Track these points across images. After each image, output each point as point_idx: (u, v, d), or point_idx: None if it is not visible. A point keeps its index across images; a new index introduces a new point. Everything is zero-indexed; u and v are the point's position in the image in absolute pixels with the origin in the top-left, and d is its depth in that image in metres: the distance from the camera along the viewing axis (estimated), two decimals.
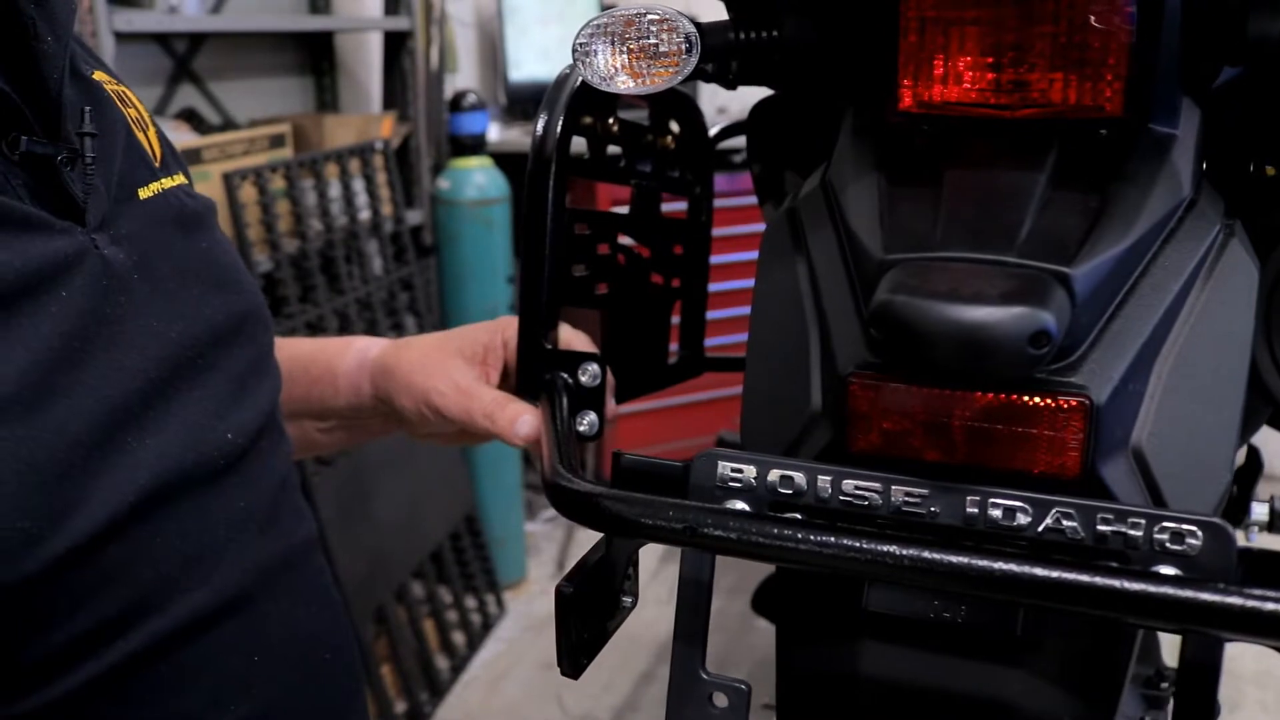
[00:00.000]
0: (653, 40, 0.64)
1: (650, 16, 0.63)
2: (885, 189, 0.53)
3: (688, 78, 0.65)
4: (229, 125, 2.82)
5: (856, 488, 0.48)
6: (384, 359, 0.87)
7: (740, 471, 0.50)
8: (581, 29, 0.65)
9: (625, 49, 0.64)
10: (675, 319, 0.94)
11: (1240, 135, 0.61)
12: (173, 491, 0.62)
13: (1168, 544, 0.44)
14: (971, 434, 0.47)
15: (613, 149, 0.84)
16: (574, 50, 0.65)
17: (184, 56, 2.76)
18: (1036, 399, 0.46)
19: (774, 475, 0.49)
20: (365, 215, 2.81)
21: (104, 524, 0.57)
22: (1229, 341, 0.52)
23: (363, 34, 3.24)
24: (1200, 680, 0.45)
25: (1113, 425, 0.48)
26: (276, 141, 2.63)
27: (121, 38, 2.18)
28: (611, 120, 0.83)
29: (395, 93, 3.13)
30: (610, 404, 0.78)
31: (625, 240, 0.88)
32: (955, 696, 0.53)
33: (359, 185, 2.79)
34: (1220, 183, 0.60)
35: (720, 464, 0.50)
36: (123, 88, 0.73)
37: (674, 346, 0.96)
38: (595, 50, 0.64)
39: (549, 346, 0.76)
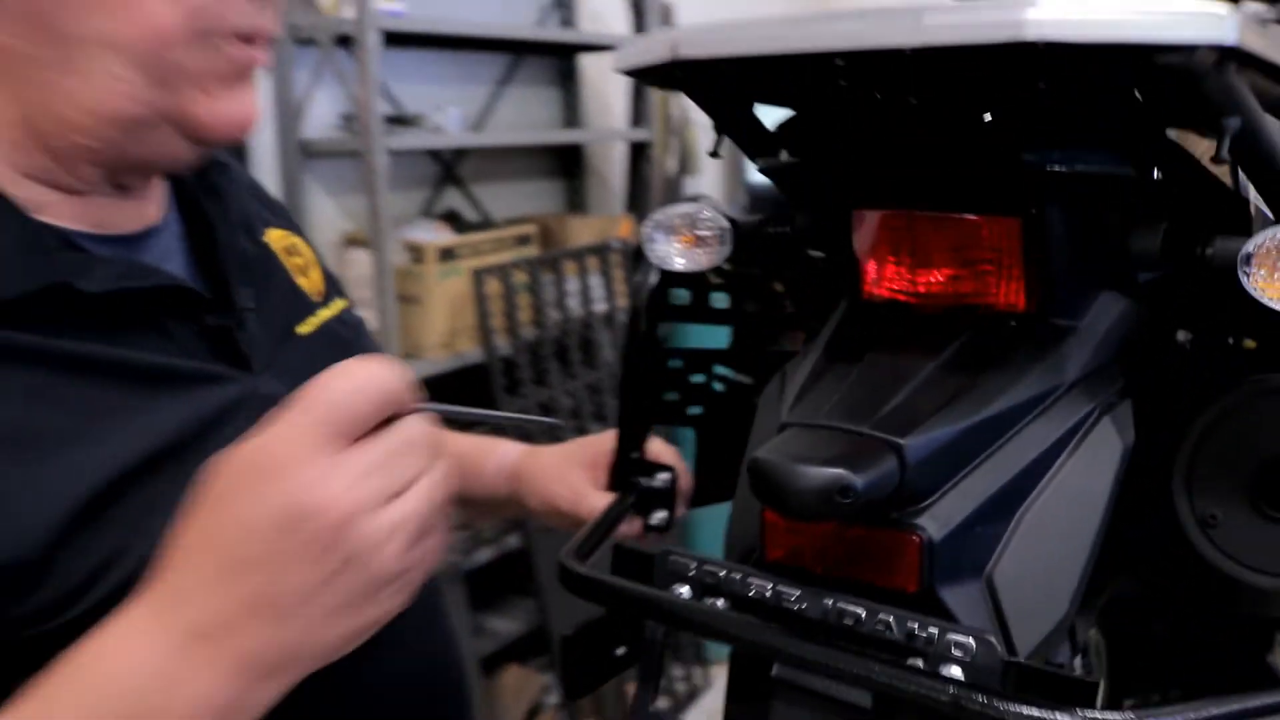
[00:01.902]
0: (699, 231, 0.84)
1: (694, 214, 0.83)
2: (819, 364, 0.71)
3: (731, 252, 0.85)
4: (487, 223, 3.16)
5: (756, 585, 0.65)
6: (519, 465, 1.10)
7: (686, 566, 0.68)
8: (646, 221, 0.85)
9: (677, 238, 0.84)
10: None
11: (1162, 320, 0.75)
12: None
13: (952, 649, 0.58)
14: (840, 554, 0.64)
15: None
16: (642, 237, 0.85)
17: (449, 163, 3.13)
18: (883, 532, 0.62)
19: (705, 571, 0.67)
20: (601, 308, 3.08)
21: None
22: (1086, 500, 0.65)
23: (609, 144, 3.55)
24: None
25: (956, 558, 0.62)
26: (523, 240, 2.95)
27: (395, 152, 2.55)
28: (717, 273, 1.03)
29: (637, 195, 3.42)
30: (680, 504, 0.97)
31: (723, 370, 1.07)
32: None
33: (596, 280, 3.07)
34: (1146, 359, 0.74)
35: (672, 559, 0.68)
36: (293, 238, 0.93)
37: None
38: (655, 239, 0.85)
39: (634, 456, 0.96)
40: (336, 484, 0.56)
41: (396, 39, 2.62)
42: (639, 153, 3.38)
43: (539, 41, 3.25)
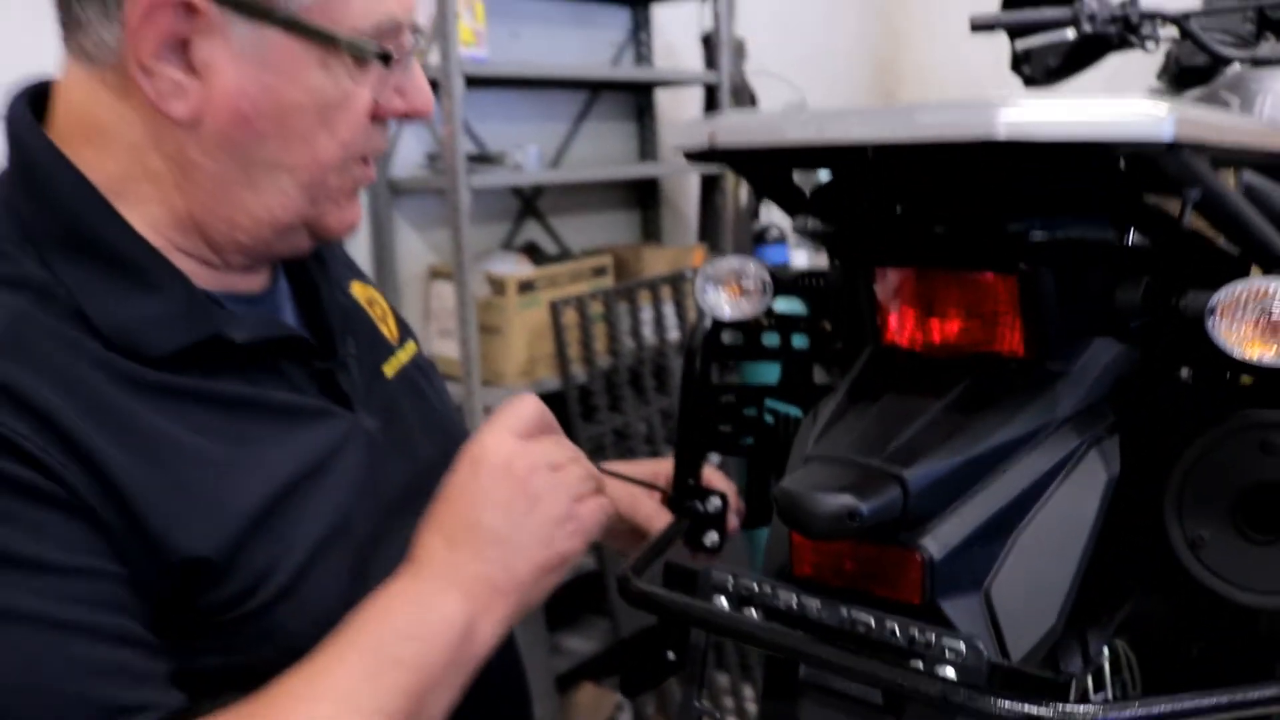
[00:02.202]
0: (743, 283, 0.94)
1: (740, 268, 0.94)
2: (843, 404, 0.81)
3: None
4: (565, 254, 3.29)
5: (783, 597, 0.75)
6: None
7: (725, 581, 0.78)
8: (699, 273, 0.96)
9: (725, 289, 0.95)
10: None
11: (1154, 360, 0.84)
12: None
13: (946, 652, 0.68)
14: (856, 570, 0.74)
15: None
16: (695, 289, 0.96)
17: (529, 197, 3.27)
18: (890, 551, 0.72)
19: (741, 585, 0.77)
20: (674, 335, 3.19)
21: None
22: (1073, 525, 0.75)
23: (683, 176, 3.67)
24: None
25: (955, 574, 0.72)
26: (599, 271, 3.08)
27: (477, 190, 2.69)
28: (767, 314, 1.13)
29: (710, 225, 3.53)
30: (732, 525, 1.08)
31: (774, 404, 1.17)
32: None
33: (669, 309, 3.18)
34: (1139, 396, 0.83)
35: (714, 575, 0.79)
36: (371, 291, 1.07)
37: None
38: (706, 290, 0.96)
39: (690, 482, 1.06)
40: (522, 454, 0.86)
41: (478, 80, 2.77)
42: (712, 184, 3.49)
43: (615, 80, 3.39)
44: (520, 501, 0.84)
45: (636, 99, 3.60)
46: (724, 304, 0.96)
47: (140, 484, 0.73)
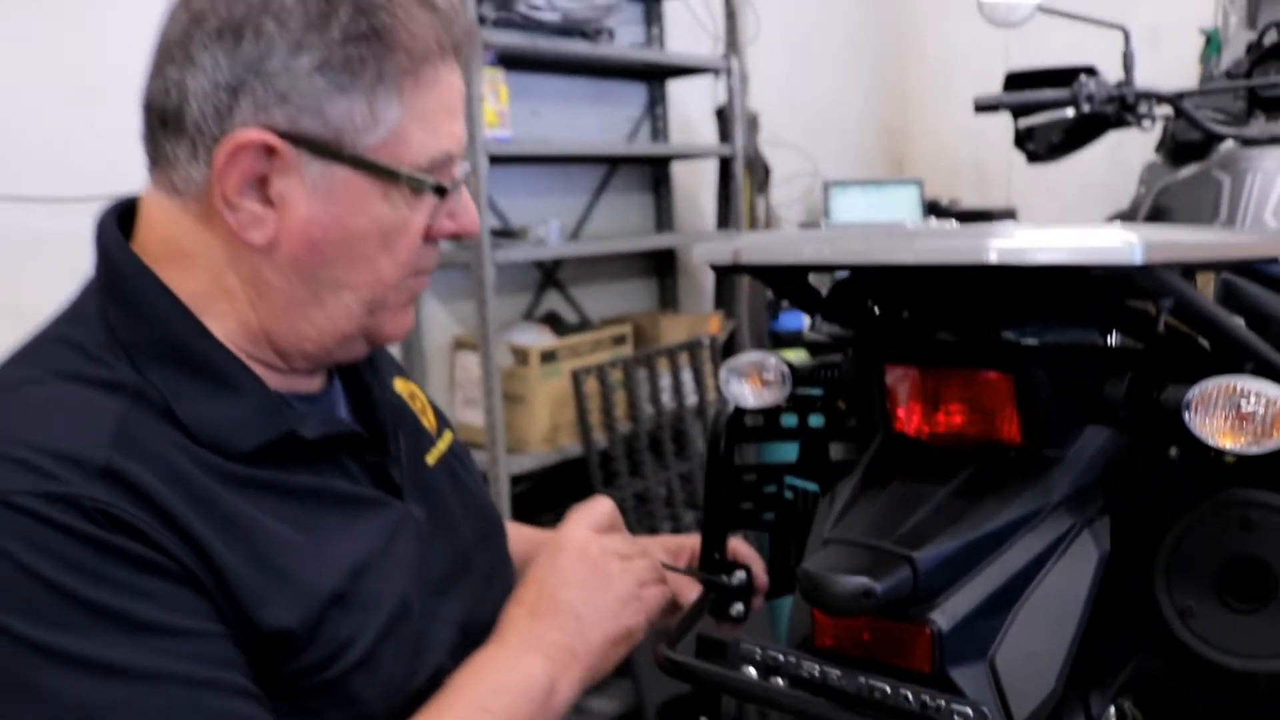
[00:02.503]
0: (764, 375, 1.03)
1: (761, 362, 1.03)
2: (856, 489, 0.89)
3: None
4: (584, 323, 3.39)
5: (807, 667, 0.83)
6: None
7: (753, 652, 0.86)
8: (723, 367, 1.05)
9: (747, 381, 1.04)
10: None
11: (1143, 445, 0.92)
12: (460, 645, 1.02)
13: (955, 716, 0.76)
14: (872, 642, 0.82)
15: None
16: (719, 380, 1.05)
17: (550, 269, 3.38)
18: (903, 625, 0.80)
19: (768, 656, 0.86)
20: (692, 401, 3.27)
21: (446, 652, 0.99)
22: (1069, 599, 0.83)
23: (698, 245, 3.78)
24: None
25: (965, 645, 0.80)
26: (619, 340, 3.17)
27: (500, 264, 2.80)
28: (785, 400, 1.22)
29: (725, 293, 3.63)
30: (757, 605, 1.15)
31: (795, 480, 1.25)
32: None
33: (687, 376, 3.27)
34: (1130, 477, 0.91)
35: (743, 646, 0.87)
36: (411, 386, 1.15)
37: None
38: (731, 382, 1.05)
39: (716, 557, 1.14)
40: (596, 543, 1.01)
41: (501, 158, 2.88)
42: None
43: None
44: (594, 581, 0.99)
45: (653, 171, 3.72)
46: (747, 394, 1.05)
47: (232, 563, 0.82)
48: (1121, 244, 0.69)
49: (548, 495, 3.16)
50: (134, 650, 0.76)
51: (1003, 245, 0.70)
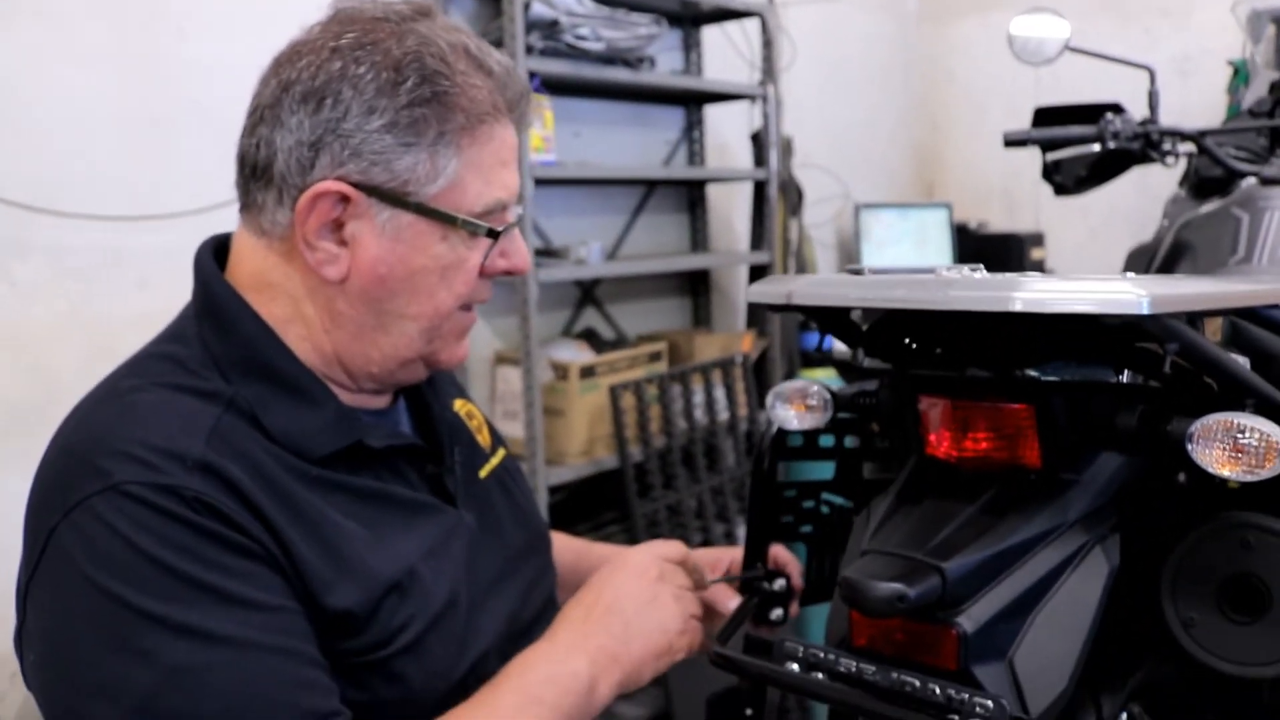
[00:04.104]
0: (808, 401, 1.13)
1: (805, 388, 1.13)
2: (892, 506, 1.00)
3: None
4: (620, 339, 3.49)
5: (844, 663, 0.93)
6: None
7: (796, 650, 0.97)
8: (770, 393, 1.15)
9: (791, 406, 1.14)
10: None
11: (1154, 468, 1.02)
12: (502, 641, 1.12)
13: (977, 708, 0.86)
14: (904, 642, 0.92)
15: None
16: (766, 404, 1.16)
17: (588, 287, 3.49)
18: (932, 627, 0.90)
19: (810, 653, 0.96)
20: (724, 416, 3.37)
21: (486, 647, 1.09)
22: (1081, 607, 0.92)
23: (733, 266, 3.88)
24: None
25: (987, 646, 0.90)
26: (654, 357, 3.27)
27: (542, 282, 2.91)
28: (825, 422, 1.32)
29: (758, 312, 3.72)
30: (794, 611, 1.26)
31: (831, 496, 1.35)
32: None
33: (720, 392, 3.37)
34: (1142, 499, 1.01)
35: (786, 644, 0.97)
36: (470, 406, 1.24)
37: None
38: (776, 406, 1.15)
39: (758, 564, 1.25)
40: (656, 566, 1.13)
41: (545, 180, 2.99)
42: (760, 273, 3.69)
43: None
44: (646, 597, 1.10)
45: (690, 193, 3.83)
46: (792, 418, 1.16)
47: (305, 550, 0.93)
48: (1131, 296, 0.79)
49: (584, 505, 3.27)
50: (225, 620, 0.87)
51: (1026, 296, 0.80)
